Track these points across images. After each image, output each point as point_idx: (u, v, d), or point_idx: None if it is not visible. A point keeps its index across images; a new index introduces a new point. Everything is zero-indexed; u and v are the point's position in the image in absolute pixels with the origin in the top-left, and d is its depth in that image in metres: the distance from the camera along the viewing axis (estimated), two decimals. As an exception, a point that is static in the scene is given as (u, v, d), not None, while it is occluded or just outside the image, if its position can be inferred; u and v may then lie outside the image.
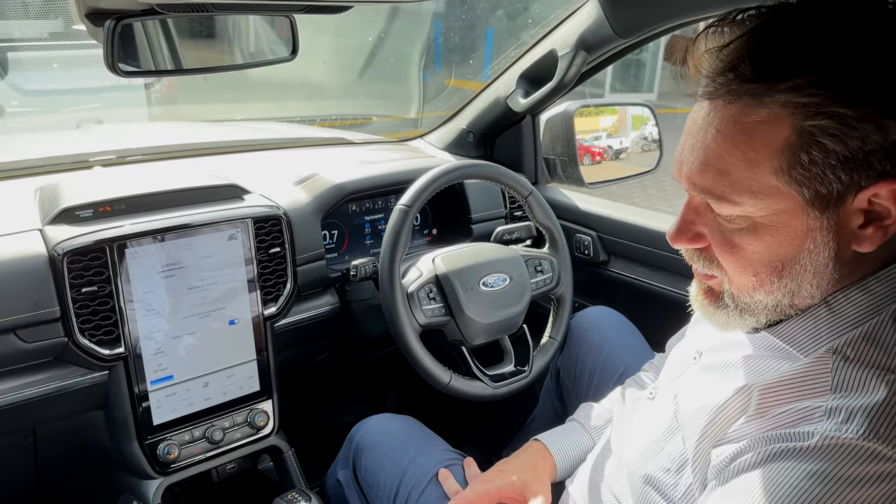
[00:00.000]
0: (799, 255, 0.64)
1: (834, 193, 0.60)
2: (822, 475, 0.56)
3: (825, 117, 0.57)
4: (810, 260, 0.64)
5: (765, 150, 0.60)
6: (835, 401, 0.60)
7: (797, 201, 0.61)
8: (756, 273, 0.66)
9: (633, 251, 1.55)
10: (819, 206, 0.61)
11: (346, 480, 1.18)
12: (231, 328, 1.20)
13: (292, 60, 1.08)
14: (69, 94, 3.04)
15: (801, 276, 0.65)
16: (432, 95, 3.26)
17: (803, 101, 0.58)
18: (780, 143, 0.59)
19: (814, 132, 0.58)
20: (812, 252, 0.64)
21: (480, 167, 1.35)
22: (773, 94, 0.59)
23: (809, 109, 0.58)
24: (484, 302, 1.28)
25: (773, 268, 0.65)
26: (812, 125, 0.58)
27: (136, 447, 1.14)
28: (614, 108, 2.03)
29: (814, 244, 0.63)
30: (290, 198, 1.33)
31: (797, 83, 0.58)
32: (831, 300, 0.66)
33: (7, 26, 2.95)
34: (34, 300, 1.02)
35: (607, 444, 0.99)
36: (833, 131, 0.57)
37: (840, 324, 0.65)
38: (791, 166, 0.60)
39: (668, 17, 1.26)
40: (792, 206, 0.62)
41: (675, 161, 0.69)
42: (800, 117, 0.58)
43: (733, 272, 0.68)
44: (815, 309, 0.67)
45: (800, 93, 0.58)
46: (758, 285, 0.67)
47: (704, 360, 0.80)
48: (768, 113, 0.59)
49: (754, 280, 0.67)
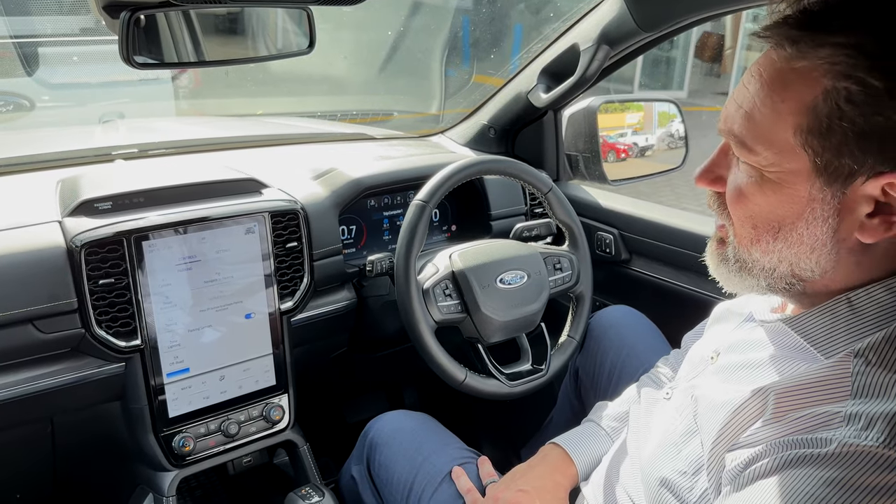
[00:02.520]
0: (797, 221, 0.64)
1: (845, 169, 0.59)
2: (839, 483, 0.54)
3: (853, 82, 0.56)
4: (807, 231, 0.63)
5: (792, 103, 0.60)
6: (854, 406, 0.58)
7: (807, 166, 0.61)
8: (755, 227, 0.67)
9: (655, 250, 1.53)
10: (827, 177, 0.60)
11: (361, 476, 1.18)
12: (247, 322, 1.20)
13: (310, 53, 1.08)
14: (98, 88, 3.09)
15: (798, 246, 0.65)
16: (455, 91, 3.25)
17: (839, 61, 0.57)
18: (808, 100, 0.59)
19: (839, 96, 0.57)
20: (810, 223, 0.63)
21: (499, 163, 1.33)
22: (816, 47, 0.58)
23: (841, 70, 0.56)
24: (501, 299, 1.27)
25: (771, 226, 0.66)
26: (839, 87, 0.57)
27: (152, 439, 1.15)
28: (640, 105, 2.00)
29: (812, 215, 0.62)
30: (308, 192, 1.33)
31: (839, 41, 0.57)
32: (853, 297, 0.64)
33: (41, 22, 3.00)
34: (52, 291, 1.03)
35: (623, 445, 0.97)
36: (856, 99, 0.56)
37: (861, 323, 0.63)
38: (810, 128, 0.59)
39: (692, 11, 1.23)
40: (801, 168, 0.61)
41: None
42: (831, 77, 0.57)
43: (737, 222, 0.69)
44: (836, 304, 0.65)
45: (838, 51, 0.57)
46: (755, 240, 0.67)
47: (722, 360, 0.78)
48: (807, 66, 0.59)
49: (752, 233, 0.67)
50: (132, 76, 2.93)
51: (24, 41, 2.10)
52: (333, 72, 4.05)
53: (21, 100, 2.55)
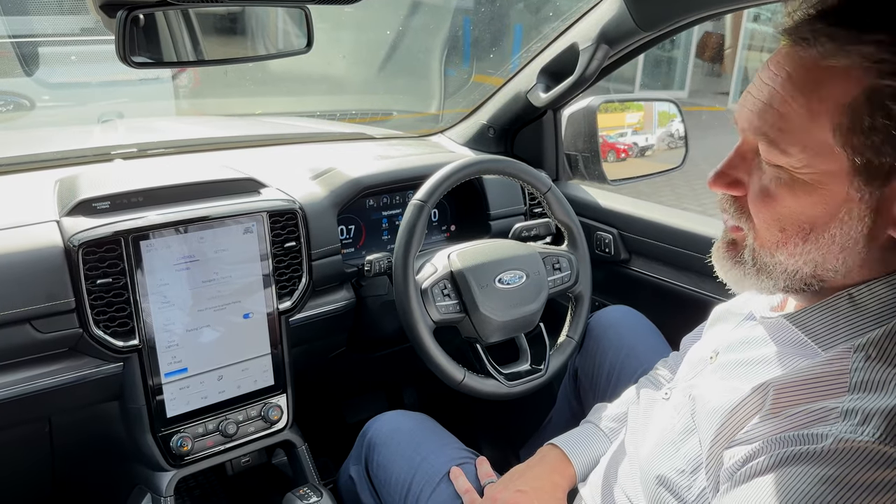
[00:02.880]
0: (830, 222, 0.62)
1: (885, 167, 0.58)
2: (835, 480, 0.53)
3: None
4: (840, 231, 0.62)
5: (830, 102, 0.58)
6: (852, 402, 0.57)
7: (845, 166, 0.59)
8: (783, 229, 0.65)
9: (655, 250, 1.52)
10: (866, 176, 0.59)
11: (359, 477, 1.18)
12: (246, 322, 1.20)
13: (307, 52, 1.08)
14: (98, 88, 3.09)
15: (828, 247, 0.63)
16: (454, 91, 3.24)
17: (883, 58, 0.55)
18: (847, 99, 0.57)
19: (884, 94, 0.56)
20: (844, 223, 0.61)
21: (497, 163, 1.33)
22: (854, 43, 0.57)
23: (886, 67, 0.55)
24: (499, 299, 1.26)
25: (801, 228, 0.63)
26: (885, 84, 0.55)
27: (150, 439, 1.15)
28: (640, 105, 2.00)
29: (848, 216, 0.61)
30: (307, 192, 1.33)
31: (881, 38, 0.55)
32: (854, 292, 0.64)
33: (41, 22, 3.00)
34: (49, 291, 1.03)
35: (621, 446, 0.97)
36: None
37: (862, 319, 0.63)
38: (851, 128, 0.57)
39: (691, 10, 1.23)
40: (838, 169, 0.59)
41: (738, 102, 0.68)
42: (874, 75, 0.56)
43: (761, 225, 0.66)
44: (836, 300, 0.65)
45: (882, 48, 0.55)
46: (782, 243, 0.65)
47: (721, 360, 0.78)
48: (844, 63, 0.57)
49: (780, 236, 0.65)
50: (132, 76, 2.93)
51: (24, 41, 2.10)
52: (333, 71, 4.05)
53: (21, 99, 2.55)
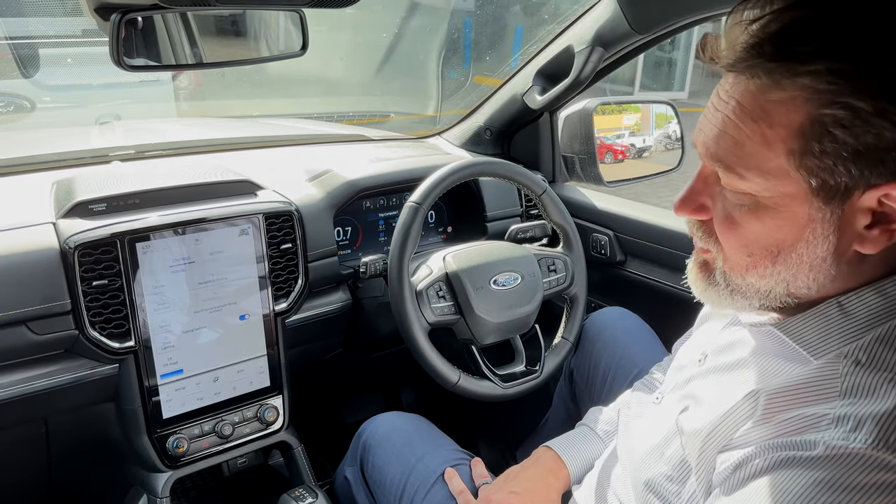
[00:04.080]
0: (796, 243, 0.62)
1: (841, 186, 0.58)
2: (828, 483, 0.54)
3: (840, 107, 0.55)
4: (807, 251, 0.62)
5: (780, 130, 0.59)
6: (843, 408, 0.58)
7: (803, 188, 0.60)
8: (751, 254, 0.65)
9: (650, 251, 1.53)
10: (824, 196, 0.59)
11: (354, 478, 1.18)
12: (242, 323, 1.20)
13: (303, 55, 1.08)
14: (99, 89, 3.10)
15: (797, 267, 0.64)
16: (453, 93, 3.24)
17: (820, 88, 0.56)
18: (795, 126, 0.58)
19: (826, 122, 0.56)
20: (810, 243, 0.62)
21: (493, 165, 1.33)
22: (792, 76, 0.57)
23: (825, 97, 0.56)
24: (495, 301, 1.27)
25: (769, 252, 0.64)
26: (826, 114, 0.56)
27: (146, 440, 1.15)
28: (636, 106, 2.00)
29: (813, 235, 0.61)
30: (303, 194, 1.33)
31: (817, 69, 0.56)
32: (844, 301, 0.64)
33: (42, 24, 3.01)
34: (45, 293, 1.03)
35: (615, 450, 0.97)
36: (846, 123, 0.55)
37: (852, 326, 0.63)
38: (803, 152, 0.58)
39: (685, 13, 1.23)
40: (797, 191, 0.60)
41: (696, 128, 0.68)
42: (815, 104, 0.56)
43: (729, 249, 0.67)
44: (826, 307, 0.65)
45: (818, 79, 0.56)
46: (751, 266, 0.66)
47: (709, 363, 0.78)
48: (786, 95, 0.58)
49: (748, 261, 0.66)
50: (132, 78, 2.94)
51: (25, 43, 2.11)
52: (330, 73, 4.05)
53: (21, 101, 2.56)
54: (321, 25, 0.99)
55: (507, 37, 6.18)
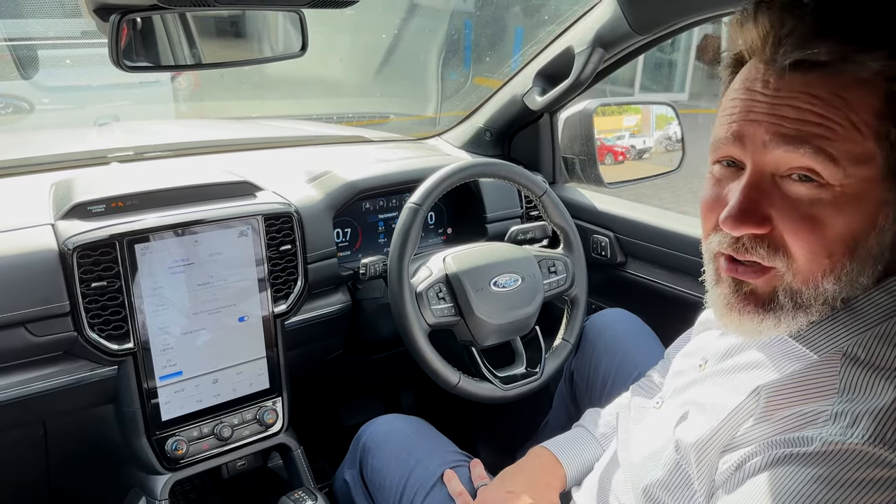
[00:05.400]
0: (870, 232, 0.61)
1: None
2: (826, 479, 0.54)
3: None
4: (878, 240, 0.61)
5: (865, 114, 0.58)
6: (841, 404, 0.58)
7: (878, 170, 0.59)
8: (831, 254, 0.61)
9: (651, 253, 1.52)
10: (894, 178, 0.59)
11: (353, 480, 1.18)
12: (241, 325, 1.20)
13: (302, 56, 1.08)
14: (98, 91, 3.09)
15: (866, 260, 0.61)
16: (453, 94, 3.24)
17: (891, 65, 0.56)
18: (877, 108, 0.58)
19: None
20: (882, 230, 0.61)
21: (492, 166, 1.33)
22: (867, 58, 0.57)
23: None
24: (495, 302, 1.26)
25: (848, 247, 0.61)
26: None
27: (145, 442, 1.15)
28: (637, 108, 2.00)
29: (885, 220, 0.60)
30: (302, 195, 1.33)
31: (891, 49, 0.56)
32: (853, 304, 0.64)
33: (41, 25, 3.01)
34: (44, 294, 1.03)
35: (615, 454, 0.97)
36: None
37: (858, 325, 0.63)
38: (889, 133, 0.58)
39: (685, 13, 1.23)
40: (875, 174, 0.59)
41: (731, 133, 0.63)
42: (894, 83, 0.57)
43: (804, 256, 0.61)
44: (836, 313, 0.65)
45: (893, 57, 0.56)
46: (829, 270, 0.61)
47: (710, 368, 0.78)
48: (864, 77, 0.58)
49: (827, 263, 0.61)
50: (132, 79, 2.93)
51: (24, 44, 2.11)
52: (330, 74, 4.05)
53: (20, 102, 2.56)
54: (321, 26, 0.98)
55: (508, 38, 6.18)
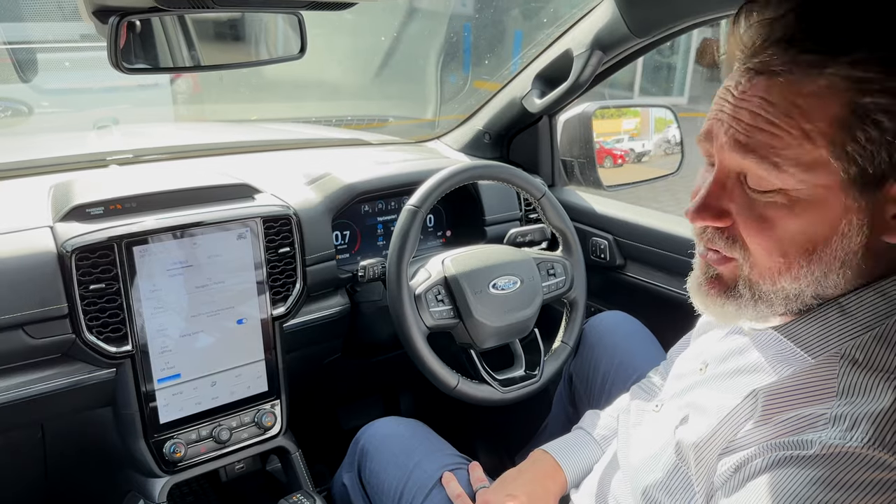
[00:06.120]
0: (832, 237, 0.61)
1: (879, 175, 0.58)
2: (825, 481, 0.54)
3: (883, 94, 0.56)
4: (842, 245, 0.61)
5: (819, 122, 0.58)
6: (840, 407, 0.58)
7: (840, 178, 0.59)
8: (785, 254, 0.63)
9: (650, 255, 1.52)
10: (860, 185, 0.59)
11: (352, 484, 1.17)
12: (239, 328, 1.20)
13: (301, 58, 1.08)
14: (97, 93, 3.10)
15: (830, 264, 0.62)
16: (452, 97, 3.24)
17: (861, 77, 0.56)
18: (835, 116, 0.58)
19: (870, 108, 0.56)
20: (845, 236, 0.61)
21: (491, 168, 1.33)
22: (831, 66, 0.57)
23: (867, 85, 0.56)
24: (494, 305, 1.26)
25: (804, 249, 0.62)
26: (869, 101, 0.56)
27: (143, 445, 1.14)
28: (636, 111, 2.00)
29: (849, 227, 0.61)
30: (301, 197, 1.33)
31: (857, 57, 0.56)
32: (844, 302, 0.64)
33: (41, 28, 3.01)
34: (42, 296, 1.03)
35: (615, 456, 0.96)
36: (890, 108, 0.56)
37: (852, 326, 0.63)
38: (845, 141, 0.58)
39: (683, 16, 1.23)
40: (834, 182, 0.60)
41: (703, 131, 0.66)
42: (857, 93, 0.57)
43: (760, 253, 0.64)
44: (827, 309, 0.65)
45: (858, 67, 0.56)
46: (785, 269, 0.64)
47: (711, 371, 0.78)
48: (824, 85, 0.58)
49: (782, 262, 0.63)
50: (131, 82, 2.94)
51: (23, 48, 2.11)
52: (329, 77, 4.05)
53: (19, 105, 2.56)
54: (320, 29, 0.98)
55: (507, 41, 6.18)
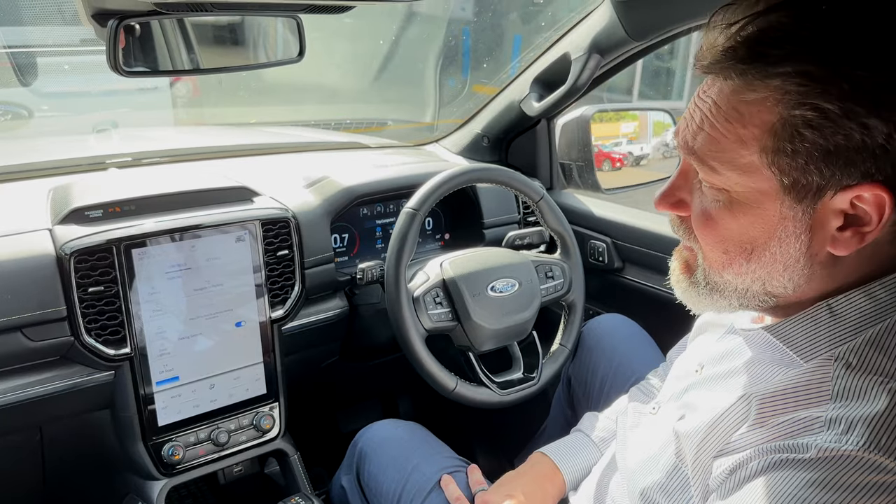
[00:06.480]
0: (769, 241, 0.64)
1: (813, 186, 0.59)
2: (821, 483, 0.54)
3: (808, 108, 0.57)
4: (780, 250, 0.63)
5: (753, 129, 0.60)
6: (835, 411, 0.58)
7: (775, 186, 0.61)
8: (726, 251, 0.67)
9: (648, 258, 1.52)
10: (796, 195, 0.60)
11: (350, 486, 1.17)
12: (238, 330, 1.20)
13: (300, 61, 1.08)
14: (97, 97, 3.10)
15: (771, 266, 0.65)
16: (450, 101, 3.24)
17: (790, 90, 0.57)
18: (767, 126, 0.59)
19: (796, 122, 0.58)
20: (783, 241, 0.63)
21: (490, 171, 1.33)
22: (763, 78, 0.59)
23: (794, 98, 0.57)
24: (492, 307, 1.27)
25: (743, 249, 0.65)
26: (796, 115, 0.57)
27: (141, 448, 1.14)
28: (634, 114, 2.01)
29: (785, 233, 0.63)
30: (300, 200, 1.33)
31: (787, 70, 0.57)
32: (833, 303, 0.64)
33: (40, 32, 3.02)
34: (41, 299, 1.03)
35: (613, 458, 0.96)
36: (814, 124, 0.57)
37: (842, 329, 0.64)
38: (775, 151, 0.59)
39: (680, 20, 1.24)
40: (769, 189, 0.61)
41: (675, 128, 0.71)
42: (786, 105, 0.58)
43: (706, 246, 0.69)
44: (816, 310, 0.65)
45: (788, 80, 0.57)
46: (727, 264, 0.67)
47: (706, 372, 0.78)
48: (758, 96, 0.59)
49: (724, 258, 0.67)
50: (130, 85, 2.94)
51: (23, 51, 2.11)
52: (328, 81, 4.06)
53: (19, 109, 2.56)
54: (319, 32, 0.99)
55: (506, 45, 6.19)
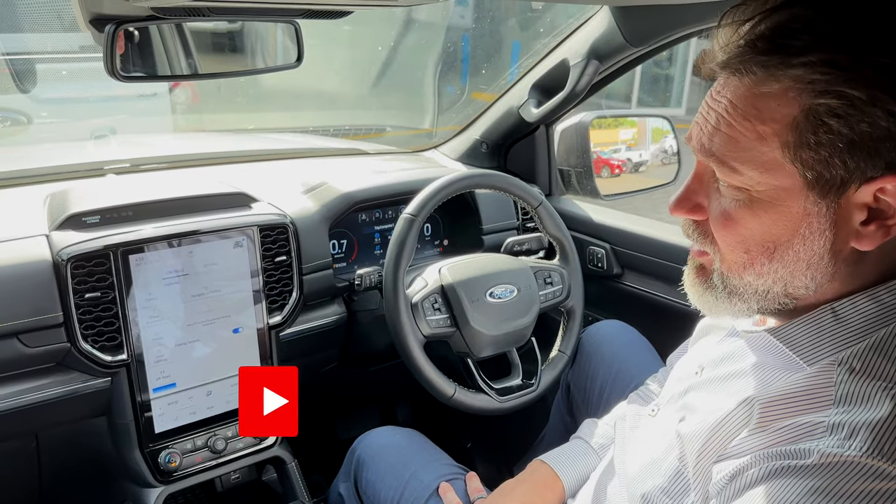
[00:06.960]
0: (793, 239, 0.62)
1: (837, 179, 0.58)
2: (824, 491, 0.53)
3: (834, 97, 0.56)
4: (804, 247, 0.62)
5: (774, 124, 0.59)
6: (837, 416, 0.57)
7: (798, 182, 0.60)
8: (747, 251, 0.65)
9: (647, 264, 1.52)
10: (820, 189, 0.59)
11: (348, 494, 1.17)
12: (235, 337, 1.19)
13: (298, 67, 1.08)
14: (96, 103, 3.10)
15: (794, 264, 0.63)
16: (449, 108, 3.25)
17: (814, 79, 0.56)
18: (789, 119, 0.58)
19: (821, 111, 0.57)
20: (807, 238, 0.62)
21: (488, 177, 1.33)
22: (784, 68, 0.58)
23: (819, 87, 0.56)
24: (491, 313, 1.26)
25: (765, 248, 0.64)
26: (820, 103, 0.56)
27: (138, 455, 1.14)
28: (633, 121, 2.01)
29: (809, 230, 0.61)
30: (298, 206, 1.33)
31: (810, 60, 0.56)
32: (837, 307, 0.64)
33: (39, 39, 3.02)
34: (37, 305, 1.02)
35: (610, 463, 0.96)
36: (840, 112, 0.56)
37: (845, 333, 0.63)
38: (798, 145, 0.58)
39: (678, 26, 1.24)
40: (792, 185, 0.60)
41: (688, 133, 0.69)
42: (809, 95, 0.57)
43: (725, 248, 0.67)
44: (820, 314, 0.65)
45: (811, 70, 0.56)
46: (748, 264, 0.66)
47: (706, 375, 0.77)
48: (779, 88, 0.58)
49: (745, 258, 0.65)
50: (129, 91, 2.94)
51: (21, 58, 2.11)
52: (327, 87, 4.07)
53: (18, 115, 2.56)
54: (318, 39, 0.99)
55: (504, 52, 6.20)
